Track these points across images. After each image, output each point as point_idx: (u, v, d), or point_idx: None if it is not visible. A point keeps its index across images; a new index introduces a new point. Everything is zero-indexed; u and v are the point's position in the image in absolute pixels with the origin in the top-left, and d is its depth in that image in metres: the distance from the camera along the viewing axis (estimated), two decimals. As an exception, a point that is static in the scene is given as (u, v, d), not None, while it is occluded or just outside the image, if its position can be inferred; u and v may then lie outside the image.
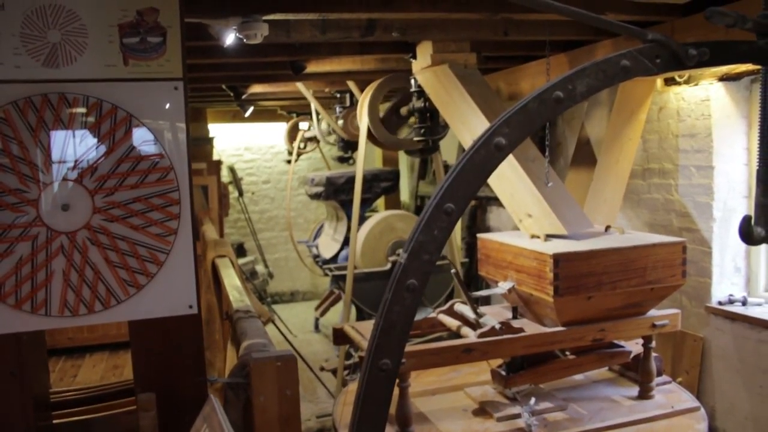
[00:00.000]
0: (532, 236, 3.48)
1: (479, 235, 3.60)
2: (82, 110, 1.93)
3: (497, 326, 2.98)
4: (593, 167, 4.35)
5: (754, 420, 4.23)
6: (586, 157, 4.47)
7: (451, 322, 3.33)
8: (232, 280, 3.31)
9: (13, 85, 1.89)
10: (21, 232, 1.89)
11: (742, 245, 4.50)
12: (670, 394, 3.20)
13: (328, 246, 6.82)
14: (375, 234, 5.76)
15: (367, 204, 6.88)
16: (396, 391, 2.61)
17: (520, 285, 3.16)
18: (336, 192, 6.54)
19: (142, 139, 1.97)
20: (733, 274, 4.52)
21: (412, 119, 4.75)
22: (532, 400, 3.09)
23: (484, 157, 1.96)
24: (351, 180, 6.52)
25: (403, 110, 4.53)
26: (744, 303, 4.39)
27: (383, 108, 4.73)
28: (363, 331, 3.21)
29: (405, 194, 8.55)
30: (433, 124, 4.39)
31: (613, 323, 3.05)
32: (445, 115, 4.02)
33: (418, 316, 3.30)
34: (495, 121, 1.89)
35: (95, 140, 1.93)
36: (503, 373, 3.15)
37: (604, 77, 1.88)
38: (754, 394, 4.18)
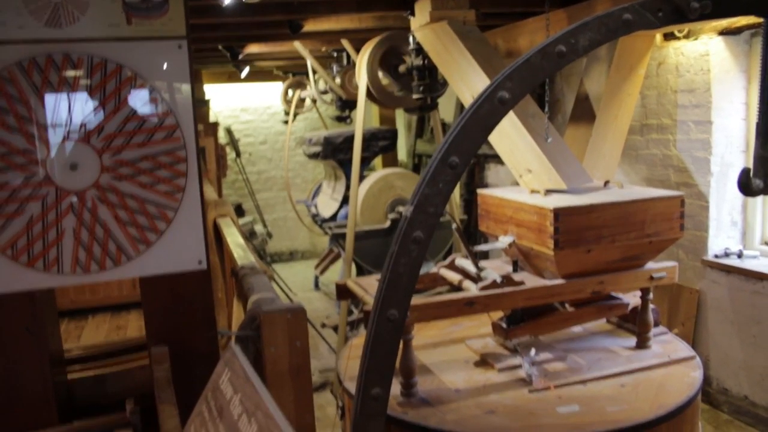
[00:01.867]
0: (532, 191, 3.50)
1: (479, 191, 3.62)
2: (87, 70, 1.94)
3: (498, 279, 3.03)
4: (592, 123, 4.36)
5: (747, 369, 4.34)
6: (584, 113, 4.47)
7: (453, 276, 3.38)
8: (235, 238, 3.34)
9: (17, 45, 1.89)
10: (31, 192, 1.91)
11: (739, 199, 4.56)
12: (666, 345, 3.27)
13: (326, 205, 6.86)
14: (374, 192, 5.79)
15: (365, 163, 6.89)
16: (400, 343, 2.68)
17: (520, 239, 3.20)
18: (334, 151, 6.55)
19: (147, 97, 1.98)
20: (729, 228, 4.58)
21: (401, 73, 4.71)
22: (532, 351, 3.15)
23: (488, 111, 1.98)
24: (349, 139, 6.53)
25: (402, 68, 4.50)
26: (740, 256, 4.47)
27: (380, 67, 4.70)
28: (366, 287, 3.26)
29: (402, 153, 8.56)
30: (431, 81, 4.38)
31: (612, 276, 3.10)
32: (444, 73, 4.01)
33: (421, 271, 3.36)
34: (498, 76, 1.90)
35: (101, 100, 1.94)
36: (504, 325, 3.20)
37: (606, 31, 1.89)
38: (747, 344, 4.29)
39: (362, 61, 4.63)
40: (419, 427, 2.66)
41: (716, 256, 4.52)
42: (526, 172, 3.67)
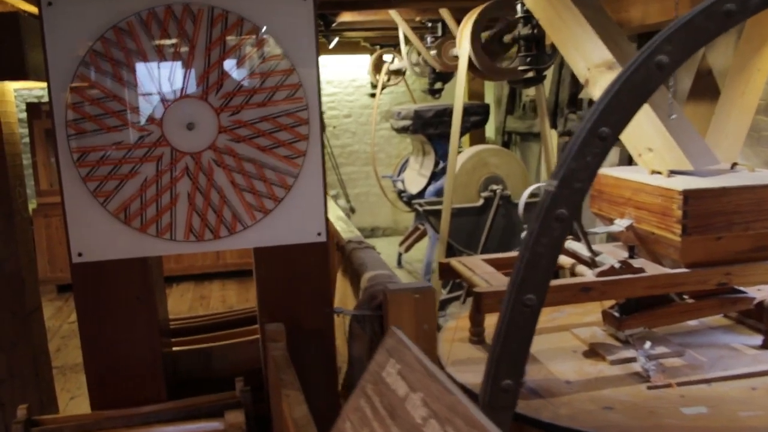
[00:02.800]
0: (653, 172, 3.25)
1: None
2: (207, 22, 1.79)
3: (617, 265, 2.80)
4: (714, 100, 3.99)
5: None
6: (707, 88, 4.10)
7: (565, 260, 3.18)
8: (336, 212, 3.20)
9: (136, -6, 1.76)
10: (145, 152, 1.79)
11: None
12: None
13: (414, 181, 6.66)
14: (467, 169, 5.54)
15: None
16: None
17: (639, 223, 2.96)
18: (424, 125, 6.32)
19: (270, 53, 1.82)
20: None
21: (513, 49, 4.44)
22: (647, 344, 2.96)
23: (644, 77, 1.78)
24: (440, 113, 6.28)
25: (507, 38, 4.22)
26: None
27: (484, 36, 4.43)
28: (472, 266, 3.09)
29: (491, 130, 8.24)
30: (539, 52, 4.08)
31: (740, 267, 2.86)
32: (556, 41, 3.71)
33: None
34: (655, 38, 1.70)
35: (220, 54, 1.79)
36: (616, 314, 3.00)
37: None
38: None
39: (465, 31, 4.37)
40: (531, 420, 2.47)
41: None
42: (646, 151, 3.39)
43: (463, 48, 4.40)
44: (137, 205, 1.80)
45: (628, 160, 5.48)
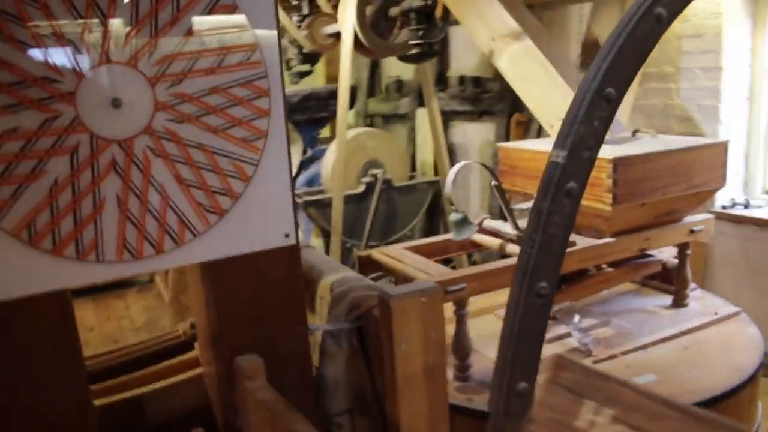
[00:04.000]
0: None
1: (500, 144, 3.36)
2: (126, -40, 1.31)
3: None
4: (603, 69, 4.04)
5: (761, 320, 4.22)
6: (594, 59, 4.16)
7: (490, 241, 3.04)
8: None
9: None
10: (54, 142, 1.27)
11: (742, 148, 4.39)
12: (702, 301, 3.17)
13: (282, 172, 6.22)
14: (345, 154, 5.23)
15: (321, 124, 6.31)
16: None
17: None
18: (291, 111, 5.91)
19: (218, 2, 1.37)
20: (733, 178, 4.41)
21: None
22: (576, 318, 2.97)
23: (645, 31, 1.66)
24: (306, 98, 5.92)
25: (394, 11, 3.96)
26: (746, 206, 4.33)
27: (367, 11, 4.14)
28: (398, 256, 2.85)
29: (350, 114, 7.98)
30: (429, 25, 3.88)
31: (657, 231, 2.92)
32: (456, 12, 3.52)
33: (464, 237, 2.94)
34: None
35: (152, 3, 1.32)
36: None
37: None
38: (763, 295, 4.15)
39: (347, 5, 4.04)
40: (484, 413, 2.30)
41: (724, 207, 4.34)
42: (557, 121, 3.33)
43: (345, 25, 4.07)
44: (46, 218, 1.28)
45: (505, 135, 5.49)
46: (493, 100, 5.55)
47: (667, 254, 3.18)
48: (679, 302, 3.07)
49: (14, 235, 1.26)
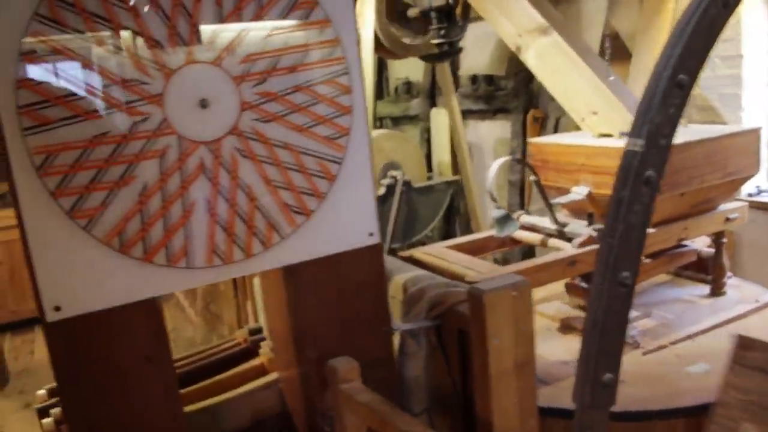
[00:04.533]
0: (600, 135, 3.20)
1: (531, 140, 3.33)
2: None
3: (593, 234, 2.71)
4: (625, 62, 4.05)
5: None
6: (615, 51, 4.18)
7: (531, 236, 3.00)
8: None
9: None
10: (143, 146, 1.23)
11: (764, 135, 4.38)
12: (739, 289, 3.12)
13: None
14: (364, 158, 5.19)
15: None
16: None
17: (598, 188, 2.89)
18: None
19: (301, -3, 1.34)
20: (757, 166, 4.39)
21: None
22: None
23: (713, 15, 1.62)
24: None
25: (412, 12, 3.92)
26: (772, 193, 4.30)
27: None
28: (442, 255, 2.80)
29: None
30: (450, 23, 3.85)
31: (694, 220, 2.90)
32: (480, 9, 3.49)
33: (506, 233, 2.91)
34: None
35: (236, 3, 1.28)
36: (583, 285, 2.89)
37: None
38: (796, 283, 4.13)
39: (366, 7, 4.00)
40: (552, 410, 2.26)
41: (750, 195, 4.32)
42: (590, 115, 3.30)
43: (364, 28, 4.03)
44: (136, 224, 1.23)
45: (522, 132, 5.46)
46: (508, 97, 5.52)
47: (699, 243, 3.16)
48: (716, 291, 3.05)
49: (106, 242, 1.21)
